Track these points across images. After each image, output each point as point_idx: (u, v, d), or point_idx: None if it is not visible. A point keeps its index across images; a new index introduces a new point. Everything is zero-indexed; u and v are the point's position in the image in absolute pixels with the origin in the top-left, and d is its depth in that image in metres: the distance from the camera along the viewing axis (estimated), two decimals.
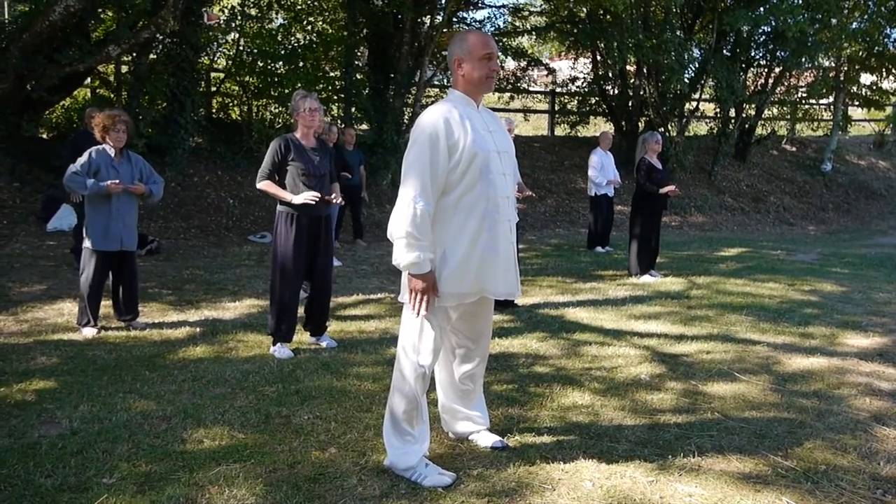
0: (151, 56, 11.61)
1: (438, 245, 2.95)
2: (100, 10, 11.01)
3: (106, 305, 5.65)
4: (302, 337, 5.26)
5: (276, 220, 4.88)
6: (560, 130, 17.90)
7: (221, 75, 13.82)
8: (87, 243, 5.33)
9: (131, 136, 5.58)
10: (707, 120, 18.62)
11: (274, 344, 4.95)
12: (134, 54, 11.28)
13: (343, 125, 11.64)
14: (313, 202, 4.73)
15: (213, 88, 13.94)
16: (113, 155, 5.36)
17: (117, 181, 5.24)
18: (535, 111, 18.99)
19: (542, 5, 17.60)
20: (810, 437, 3.56)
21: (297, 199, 4.74)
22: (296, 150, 4.83)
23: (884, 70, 17.65)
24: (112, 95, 12.06)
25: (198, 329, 5.56)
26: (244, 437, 3.47)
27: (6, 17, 13.29)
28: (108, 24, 11.91)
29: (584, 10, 15.40)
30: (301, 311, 5.15)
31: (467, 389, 3.36)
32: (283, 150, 4.80)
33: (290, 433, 3.53)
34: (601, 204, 10.35)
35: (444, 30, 14.03)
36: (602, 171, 10.27)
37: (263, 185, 4.85)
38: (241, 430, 3.56)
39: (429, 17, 13.63)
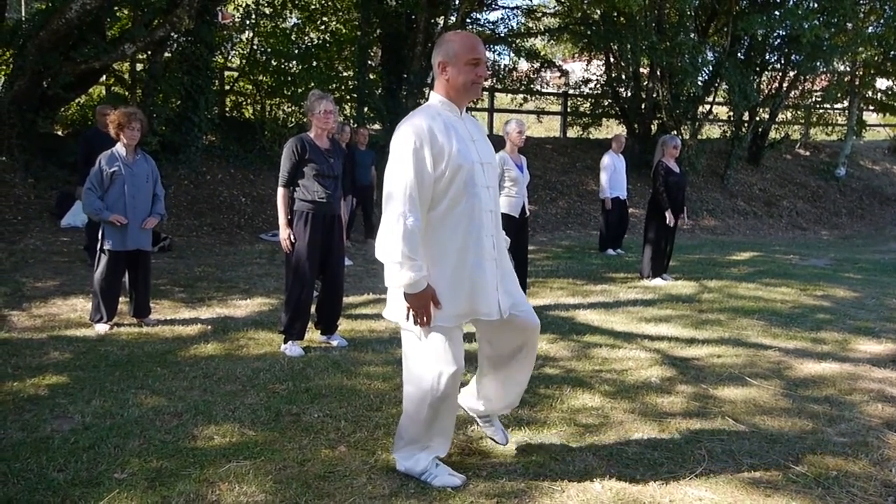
0: (166, 54, 11.69)
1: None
2: (116, 7, 11.11)
3: (122, 302, 5.68)
4: (313, 335, 5.27)
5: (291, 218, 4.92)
6: (572, 132, 17.88)
7: (235, 74, 13.90)
8: (104, 244, 5.37)
9: (145, 133, 5.62)
10: (720, 123, 18.55)
11: (285, 342, 4.97)
12: (149, 52, 11.36)
13: (356, 125, 11.67)
14: (288, 251, 4.86)
15: (227, 87, 14.03)
16: (125, 154, 5.39)
17: (122, 218, 5.29)
18: (548, 113, 18.98)
19: (555, 7, 17.59)
20: (821, 443, 3.54)
21: (281, 236, 4.88)
22: (311, 150, 4.85)
23: None
24: (127, 93, 12.14)
25: (209, 326, 5.59)
26: (254, 435, 3.49)
27: (23, 14, 13.42)
28: (124, 21, 12.01)
29: (598, 11, 15.39)
30: (312, 309, 5.17)
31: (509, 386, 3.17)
32: (300, 150, 4.83)
33: (299, 431, 3.54)
34: (613, 207, 10.32)
35: (458, 31, 14.03)
36: (615, 173, 10.23)
37: (280, 193, 4.91)
38: (252, 428, 3.58)
39: (442, 17, 13.67)
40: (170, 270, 7.85)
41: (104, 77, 12.50)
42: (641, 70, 16.33)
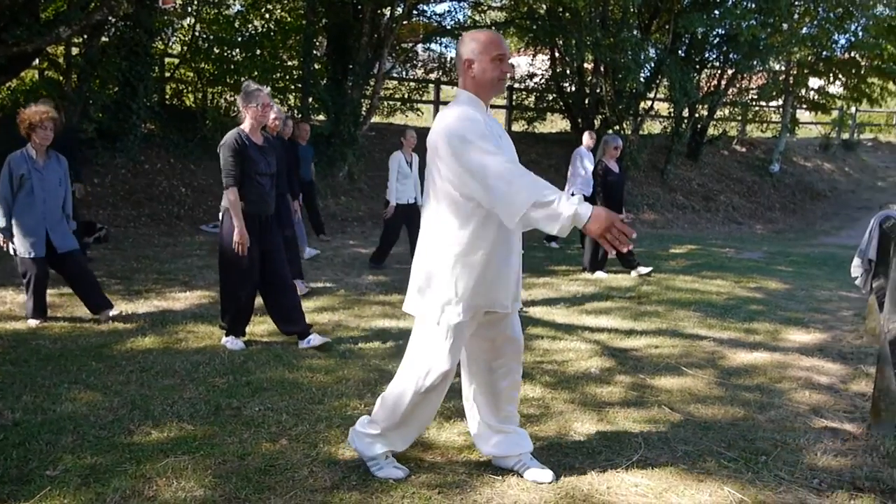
0: (103, 39, 11.31)
1: (450, 251, 2.79)
2: None
3: (52, 295, 5.50)
4: (254, 329, 5.20)
5: (223, 217, 4.71)
6: (517, 126, 18.01)
7: (176, 61, 13.55)
8: (11, 248, 5.11)
9: (59, 133, 5.31)
10: (661, 119, 18.93)
11: (226, 335, 4.88)
12: (85, 36, 10.98)
13: (301, 116, 11.52)
14: (241, 253, 4.61)
15: (167, 74, 13.66)
16: (36, 155, 5.07)
17: (3, 241, 5.08)
18: (493, 106, 18.95)
19: (502, 0, 17.65)
20: (752, 429, 3.67)
21: (235, 238, 4.58)
22: (250, 146, 4.66)
23: (831, 75, 18.20)
24: (61, 78, 11.71)
25: (146, 319, 5.47)
26: (193, 429, 3.43)
27: None
28: (59, 3, 11.55)
29: (544, 6, 15.50)
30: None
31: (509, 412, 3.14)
32: (241, 147, 4.59)
33: (240, 425, 3.50)
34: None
35: (405, 21, 13.97)
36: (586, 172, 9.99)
37: (232, 194, 4.59)
38: (191, 422, 3.52)
39: (389, 8, 13.56)
40: (106, 262, 7.64)
41: (37, 61, 12.01)
42: (585, 65, 16.54)
